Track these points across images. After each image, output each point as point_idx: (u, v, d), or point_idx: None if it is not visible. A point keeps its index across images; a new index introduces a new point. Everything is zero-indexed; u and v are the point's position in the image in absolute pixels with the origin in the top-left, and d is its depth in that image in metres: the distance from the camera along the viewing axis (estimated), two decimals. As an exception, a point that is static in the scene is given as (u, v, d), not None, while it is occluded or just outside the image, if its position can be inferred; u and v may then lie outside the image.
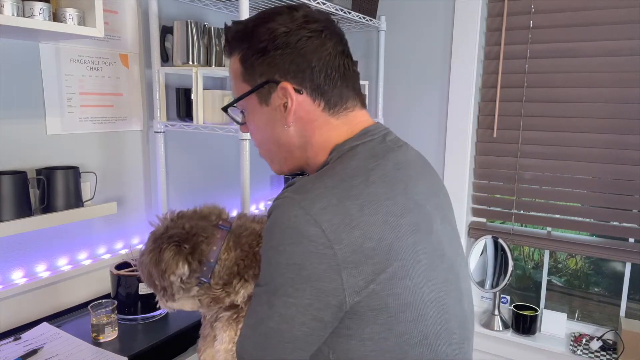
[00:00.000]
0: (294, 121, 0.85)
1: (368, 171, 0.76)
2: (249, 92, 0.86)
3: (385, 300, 0.71)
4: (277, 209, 0.75)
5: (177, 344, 1.39)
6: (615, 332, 2.15)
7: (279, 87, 0.83)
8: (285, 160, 0.90)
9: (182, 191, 1.98)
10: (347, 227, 0.70)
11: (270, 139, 0.88)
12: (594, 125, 2.08)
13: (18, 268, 1.45)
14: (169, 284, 0.85)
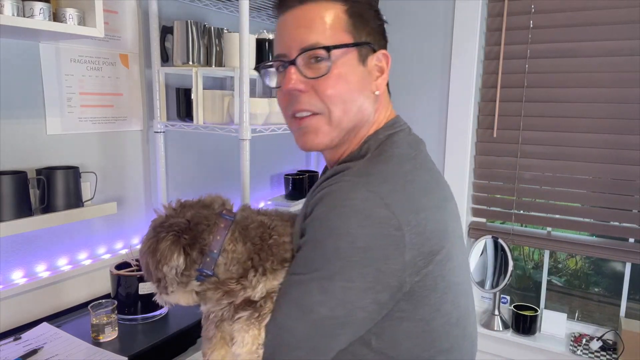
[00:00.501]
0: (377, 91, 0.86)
1: (412, 159, 0.81)
2: (354, 44, 0.82)
3: (436, 281, 0.75)
4: (337, 193, 0.73)
5: (177, 344, 1.39)
6: (615, 332, 2.15)
7: (381, 53, 0.85)
8: (346, 129, 0.84)
9: (182, 191, 1.98)
10: (413, 210, 0.73)
11: (354, 100, 0.83)
12: (594, 125, 2.08)
13: (18, 268, 1.45)
14: (162, 276, 0.81)
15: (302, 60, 0.81)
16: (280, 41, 0.84)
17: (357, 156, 0.84)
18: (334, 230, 0.71)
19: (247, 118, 1.57)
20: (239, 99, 1.57)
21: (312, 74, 0.81)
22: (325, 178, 0.80)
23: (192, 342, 1.45)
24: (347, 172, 0.76)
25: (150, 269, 0.82)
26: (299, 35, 0.80)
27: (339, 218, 0.71)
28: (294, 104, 0.84)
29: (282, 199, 2.35)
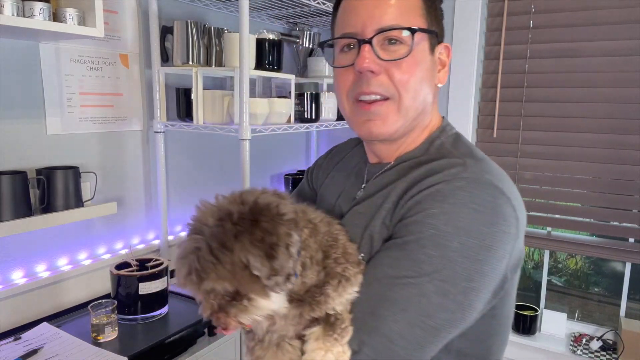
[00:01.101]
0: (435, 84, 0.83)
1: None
2: (428, 31, 0.79)
3: (515, 278, 0.77)
4: (462, 190, 0.68)
5: (177, 344, 1.39)
6: (615, 332, 2.15)
7: (444, 45, 0.84)
8: (411, 119, 0.80)
9: (182, 191, 1.98)
10: (521, 205, 0.73)
11: (422, 89, 0.79)
12: (594, 125, 2.08)
13: (18, 268, 1.45)
14: (279, 266, 0.60)
15: (377, 41, 0.76)
16: (351, 19, 0.79)
17: (431, 152, 0.80)
18: (462, 228, 0.66)
19: (247, 118, 1.57)
20: (239, 99, 1.57)
21: (387, 56, 0.76)
22: (424, 175, 0.73)
23: (192, 342, 1.45)
24: (460, 168, 0.71)
25: (249, 261, 0.59)
26: (377, 14, 0.76)
27: (468, 216, 0.66)
28: (362, 86, 0.78)
29: (282, 199, 2.35)
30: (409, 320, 0.65)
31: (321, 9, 1.93)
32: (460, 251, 0.66)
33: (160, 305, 1.47)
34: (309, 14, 2.14)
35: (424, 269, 0.66)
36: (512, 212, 0.69)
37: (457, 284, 0.66)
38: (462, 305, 0.66)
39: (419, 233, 0.68)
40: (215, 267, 0.59)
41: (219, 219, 0.62)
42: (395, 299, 0.66)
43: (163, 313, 1.47)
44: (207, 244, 0.60)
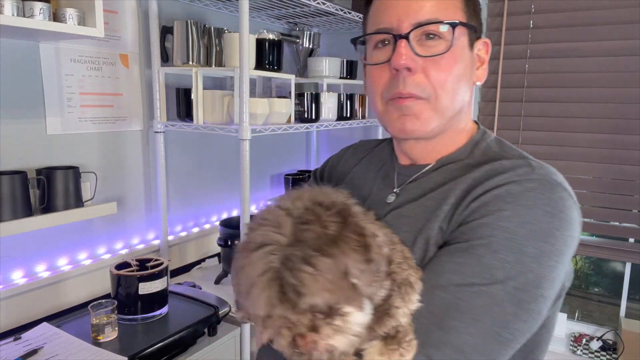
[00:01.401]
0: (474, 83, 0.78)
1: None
2: (468, 25, 0.74)
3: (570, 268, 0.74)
4: (533, 193, 0.64)
5: (177, 344, 1.39)
6: (615, 332, 2.15)
7: (483, 41, 0.79)
8: (448, 118, 0.76)
9: (182, 191, 1.98)
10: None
11: (460, 88, 0.75)
12: (594, 126, 2.08)
13: (18, 268, 1.45)
14: (377, 270, 0.55)
15: (414, 36, 0.72)
16: (386, 13, 0.74)
17: (477, 155, 0.76)
18: (538, 232, 0.62)
19: (247, 118, 1.57)
20: (238, 99, 1.57)
21: (425, 51, 0.72)
22: (487, 176, 0.68)
23: (192, 342, 1.45)
24: (528, 169, 0.67)
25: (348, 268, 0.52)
26: (414, 8, 0.72)
27: (542, 219, 0.63)
28: (399, 86, 0.73)
29: (282, 199, 2.35)
30: (482, 332, 0.60)
31: (321, 9, 1.93)
32: (535, 257, 0.61)
33: (160, 305, 1.47)
34: (309, 14, 2.14)
35: (496, 276, 0.61)
36: (578, 215, 0.67)
37: (529, 291, 0.61)
38: (533, 314, 0.62)
39: (489, 237, 0.62)
40: (316, 278, 0.51)
41: (303, 222, 0.54)
42: (465, 309, 0.60)
43: (163, 313, 1.47)
44: (300, 253, 0.51)
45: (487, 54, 0.80)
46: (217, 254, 2.09)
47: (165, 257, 1.67)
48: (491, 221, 0.63)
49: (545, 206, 0.63)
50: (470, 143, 0.79)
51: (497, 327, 0.60)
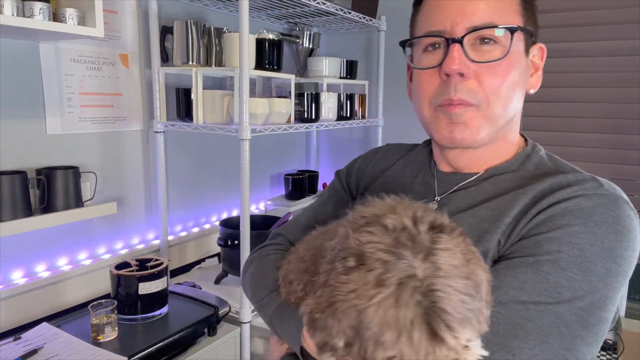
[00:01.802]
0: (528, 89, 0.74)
1: None
2: (525, 30, 0.70)
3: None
4: (606, 208, 0.61)
5: (177, 344, 1.39)
6: (615, 332, 2.15)
7: (539, 46, 0.75)
8: (499, 127, 0.72)
9: (182, 191, 1.98)
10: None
11: (514, 96, 0.71)
12: (594, 125, 2.08)
13: (18, 268, 1.45)
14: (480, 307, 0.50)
15: (468, 40, 0.68)
16: (438, 15, 0.70)
17: (529, 167, 0.73)
18: (608, 251, 0.59)
19: (247, 118, 1.57)
20: (238, 98, 1.57)
21: (479, 57, 0.68)
22: (552, 188, 0.65)
23: (192, 342, 1.45)
24: (595, 183, 0.64)
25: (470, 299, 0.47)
26: (469, 11, 0.68)
27: (612, 237, 0.59)
28: (450, 92, 0.69)
29: (282, 199, 2.35)
30: (549, 355, 0.56)
31: (321, 9, 1.93)
32: (602, 277, 0.58)
33: (160, 305, 1.47)
34: (309, 14, 2.14)
35: (564, 295, 0.57)
36: (639, 236, 0.63)
37: (595, 313, 0.58)
38: (597, 338, 0.59)
39: (557, 252, 0.59)
40: (472, 311, 0.46)
41: (436, 247, 0.48)
42: (531, 329, 0.56)
43: (163, 313, 1.47)
44: (454, 284, 0.46)
45: (542, 60, 0.76)
46: (217, 254, 2.09)
47: (165, 257, 1.67)
48: (559, 236, 0.60)
49: (616, 224, 0.60)
50: (521, 155, 0.76)
51: (564, 349, 0.56)
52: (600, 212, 0.60)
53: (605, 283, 0.59)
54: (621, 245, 0.60)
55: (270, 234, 0.96)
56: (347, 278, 0.48)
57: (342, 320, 0.48)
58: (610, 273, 0.59)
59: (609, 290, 0.59)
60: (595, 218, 0.60)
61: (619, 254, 0.60)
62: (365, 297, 0.46)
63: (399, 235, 0.48)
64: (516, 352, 0.56)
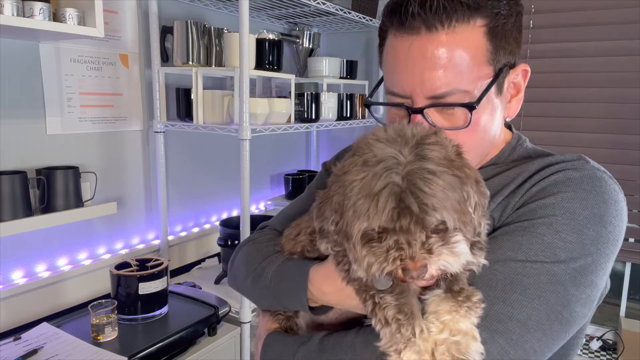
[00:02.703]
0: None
1: None
2: (494, 79, 0.66)
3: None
4: (590, 180, 0.64)
5: (177, 344, 1.39)
6: (615, 332, 2.15)
7: (520, 69, 0.73)
8: (482, 155, 0.73)
9: (182, 191, 1.98)
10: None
11: (488, 140, 0.71)
12: (594, 125, 2.08)
13: (18, 268, 1.45)
14: (487, 201, 0.59)
15: (430, 109, 0.66)
16: (399, 77, 0.68)
17: (515, 157, 0.74)
18: (599, 216, 0.62)
19: (247, 118, 1.57)
20: (239, 99, 1.57)
21: (443, 122, 0.67)
22: (541, 166, 0.67)
23: (192, 342, 1.45)
24: (583, 161, 0.67)
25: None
26: (428, 78, 0.64)
27: (602, 205, 0.62)
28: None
29: (282, 199, 2.35)
30: (546, 309, 0.58)
31: (321, 9, 1.93)
32: (595, 241, 0.61)
33: (160, 305, 1.47)
34: (309, 14, 2.14)
35: (559, 255, 0.59)
36: (626, 210, 0.67)
37: (587, 276, 0.60)
38: (589, 300, 0.61)
39: (551, 215, 0.61)
40: (446, 193, 0.50)
41: (427, 143, 0.54)
42: (528, 284, 0.58)
43: (163, 313, 1.47)
44: (429, 167, 0.51)
45: (525, 80, 0.74)
46: (217, 254, 2.09)
47: (165, 257, 1.67)
48: (552, 202, 0.62)
49: (603, 194, 0.63)
50: (507, 148, 0.77)
51: (559, 305, 0.59)
52: (588, 181, 0.64)
53: (597, 247, 0.61)
54: (610, 212, 0.63)
55: (257, 226, 0.95)
56: (343, 164, 0.57)
57: (334, 199, 0.56)
58: (601, 238, 0.61)
59: (600, 255, 0.61)
60: (584, 186, 0.63)
61: (609, 221, 0.62)
62: (352, 174, 0.54)
63: (395, 132, 0.56)
64: (515, 304, 0.58)
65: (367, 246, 0.52)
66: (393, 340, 0.54)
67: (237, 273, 0.84)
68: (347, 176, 0.55)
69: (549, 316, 0.58)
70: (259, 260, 0.78)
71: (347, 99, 2.19)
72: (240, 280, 0.83)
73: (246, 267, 0.81)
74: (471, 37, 0.64)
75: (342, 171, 0.57)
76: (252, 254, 0.82)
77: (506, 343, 0.57)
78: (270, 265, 0.75)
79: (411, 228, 0.50)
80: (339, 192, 0.56)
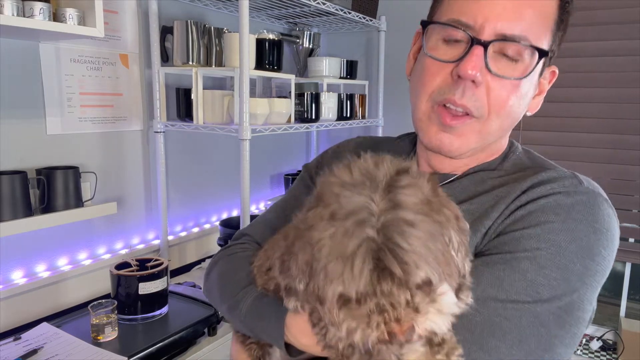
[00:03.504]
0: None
1: None
2: (548, 52, 0.66)
3: None
4: (586, 205, 0.60)
5: (177, 344, 1.39)
6: (615, 332, 2.15)
7: (551, 70, 0.73)
8: (488, 142, 0.70)
9: (182, 191, 1.98)
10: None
11: (513, 114, 0.68)
12: (594, 125, 2.08)
13: (18, 268, 1.45)
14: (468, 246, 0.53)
15: (493, 48, 0.63)
16: (472, 3, 0.63)
17: (507, 167, 0.71)
18: (586, 249, 0.58)
19: (247, 118, 1.57)
20: (239, 99, 1.57)
21: (499, 70, 0.63)
22: (532, 185, 0.64)
23: (192, 342, 1.45)
24: (575, 180, 0.64)
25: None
26: (505, 13, 0.61)
27: (591, 236, 0.58)
28: (455, 94, 0.64)
29: (282, 199, 2.35)
30: (526, 355, 0.55)
31: (321, 9, 1.93)
32: (581, 276, 0.57)
33: (160, 305, 1.47)
34: (309, 14, 2.14)
35: (542, 294, 0.56)
36: (618, 233, 0.63)
37: (573, 314, 0.57)
38: (574, 338, 0.58)
39: (536, 250, 0.57)
40: (428, 246, 0.45)
41: (400, 187, 0.47)
42: (508, 328, 0.55)
43: (163, 313, 1.47)
44: (406, 217, 0.45)
45: (550, 84, 0.74)
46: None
47: (165, 257, 1.67)
48: (537, 233, 0.58)
49: (594, 222, 0.59)
50: (500, 157, 0.74)
51: (541, 350, 0.55)
52: (579, 209, 0.59)
53: (584, 282, 0.58)
54: (600, 243, 0.59)
55: (235, 234, 0.90)
56: (306, 216, 0.50)
57: (299, 257, 0.50)
58: (588, 272, 0.58)
59: (586, 289, 0.58)
60: (574, 215, 0.59)
61: (597, 252, 0.59)
62: (319, 231, 0.47)
63: (361, 175, 0.49)
64: (492, 351, 0.55)
65: (344, 309, 0.46)
66: None
67: (212, 294, 0.80)
68: (313, 232, 0.48)
69: (520, 354, 0.55)
70: (234, 290, 0.73)
71: (347, 99, 2.19)
72: (215, 301, 0.80)
73: (220, 294, 0.77)
74: (550, 1, 0.65)
75: (306, 225, 0.50)
76: (227, 276, 0.77)
77: None
78: (245, 299, 0.70)
79: (393, 291, 0.45)
80: (304, 250, 0.49)
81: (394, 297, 0.44)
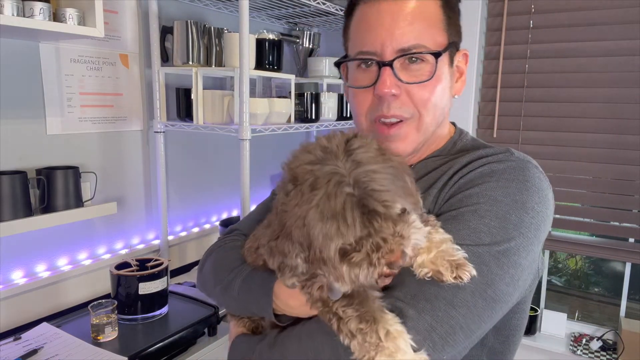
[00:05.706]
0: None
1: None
2: (450, 46, 0.76)
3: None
4: (514, 170, 0.70)
5: (177, 344, 1.39)
6: (615, 332, 2.15)
7: (462, 53, 0.82)
8: (430, 133, 0.80)
9: (182, 191, 1.98)
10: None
11: (443, 105, 0.79)
12: (594, 125, 2.08)
13: (18, 268, 1.45)
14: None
15: (398, 62, 0.74)
16: (368, 36, 0.75)
17: (455, 152, 0.81)
18: (520, 203, 0.68)
19: (247, 118, 1.57)
20: (239, 99, 1.57)
21: (409, 77, 0.75)
22: (471, 160, 0.74)
23: (192, 342, 1.45)
24: (508, 153, 0.73)
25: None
26: (397, 33, 0.73)
27: (524, 192, 0.68)
28: (383, 109, 0.76)
29: (282, 199, 2.35)
30: (472, 288, 0.63)
31: (321, 9, 1.93)
32: (517, 226, 0.67)
33: (160, 305, 1.47)
34: (309, 14, 2.14)
35: (483, 239, 0.66)
36: (552, 197, 0.72)
37: (510, 258, 0.66)
38: (513, 280, 0.66)
39: (476, 204, 0.68)
40: (396, 185, 0.57)
41: (354, 149, 0.59)
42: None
43: (163, 313, 1.47)
44: (373, 167, 0.56)
45: (466, 65, 0.83)
46: (217, 254, 2.09)
47: (165, 257, 1.67)
48: (477, 191, 0.69)
49: (526, 182, 0.69)
50: (449, 143, 0.84)
51: (483, 284, 0.64)
52: (511, 172, 0.70)
53: (520, 232, 0.67)
54: (532, 199, 0.68)
55: (226, 230, 0.99)
56: (289, 198, 0.58)
57: (294, 233, 0.58)
58: (523, 223, 0.67)
59: (523, 239, 0.67)
60: (507, 176, 0.70)
61: (531, 207, 0.68)
62: (305, 203, 0.56)
63: (321, 150, 0.59)
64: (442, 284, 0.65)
65: (345, 261, 0.55)
66: (363, 350, 0.58)
67: (207, 281, 0.88)
68: (301, 207, 0.56)
69: (473, 294, 0.63)
70: (227, 272, 0.82)
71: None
72: (209, 288, 0.87)
73: (214, 277, 0.85)
74: (431, 6, 0.75)
75: (291, 205, 0.58)
76: (220, 262, 0.86)
77: (432, 319, 0.61)
78: (237, 278, 0.79)
79: (383, 226, 0.54)
80: (297, 225, 0.57)
81: (383, 231, 0.54)
